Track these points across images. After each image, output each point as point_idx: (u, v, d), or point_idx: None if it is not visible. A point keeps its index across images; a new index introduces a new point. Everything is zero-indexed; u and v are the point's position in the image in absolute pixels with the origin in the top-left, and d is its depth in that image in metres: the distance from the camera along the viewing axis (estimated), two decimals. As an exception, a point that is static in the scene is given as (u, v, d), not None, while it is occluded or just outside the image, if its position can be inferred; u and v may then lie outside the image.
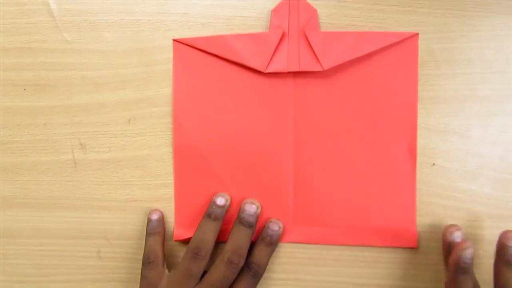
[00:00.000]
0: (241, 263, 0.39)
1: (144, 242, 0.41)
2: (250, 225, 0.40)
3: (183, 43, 0.40)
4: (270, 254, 0.40)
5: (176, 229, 0.42)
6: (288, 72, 0.40)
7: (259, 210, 0.40)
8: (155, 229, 0.41)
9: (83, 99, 0.42)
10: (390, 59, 0.40)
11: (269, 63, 0.39)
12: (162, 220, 0.41)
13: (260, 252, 0.40)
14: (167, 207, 0.42)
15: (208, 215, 0.40)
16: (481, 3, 0.40)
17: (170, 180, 0.42)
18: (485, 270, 0.41)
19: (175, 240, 0.42)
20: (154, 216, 0.41)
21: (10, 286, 0.43)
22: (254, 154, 0.41)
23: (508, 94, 0.40)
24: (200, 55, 0.41)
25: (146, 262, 0.40)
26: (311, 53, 0.39)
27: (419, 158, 0.41)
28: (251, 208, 0.40)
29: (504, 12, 0.40)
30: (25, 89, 0.42)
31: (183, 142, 0.41)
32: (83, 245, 0.42)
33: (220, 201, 0.40)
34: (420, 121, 0.40)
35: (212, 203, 0.40)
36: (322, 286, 0.42)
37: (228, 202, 0.41)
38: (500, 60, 0.40)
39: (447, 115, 0.41)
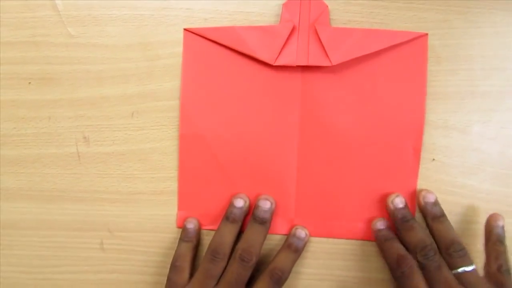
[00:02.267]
0: (253, 261, 0.39)
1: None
2: (263, 222, 0.40)
3: (194, 33, 0.41)
4: (294, 261, 0.40)
5: (179, 215, 0.42)
6: (297, 66, 0.40)
7: (273, 206, 0.40)
8: (190, 237, 0.41)
9: (87, 93, 0.42)
10: (399, 58, 0.40)
11: (278, 56, 0.40)
12: (198, 230, 0.42)
13: (284, 257, 0.40)
14: (170, 200, 0.42)
15: (227, 217, 0.40)
16: (482, 0, 0.40)
17: (172, 173, 0.42)
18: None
19: (178, 227, 0.42)
20: (190, 225, 0.41)
21: (14, 277, 0.44)
22: (258, 145, 0.41)
23: (508, 90, 0.40)
24: (209, 45, 0.41)
25: (173, 265, 0.40)
26: (320, 48, 0.39)
27: (419, 154, 0.41)
28: (265, 204, 0.40)
29: (505, 9, 0.40)
30: (29, 83, 0.42)
31: (189, 131, 0.41)
32: (86, 237, 0.43)
33: (238, 203, 0.40)
34: (421, 116, 0.41)
35: (230, 205, 0.41)
36: (322, 279, 0.42)
37: (247, 204, 0.41)
38: (500, 57, 0.40)
39: (447, 110, 0.41)
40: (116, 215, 0.43)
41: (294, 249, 0.40)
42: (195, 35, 0.41)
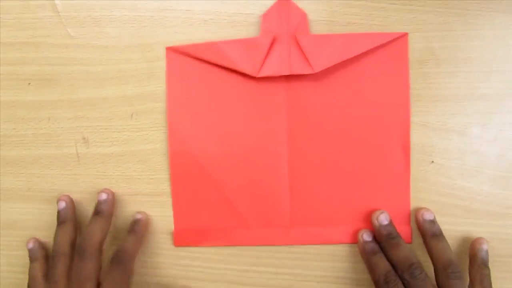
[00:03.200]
0: (89, 252, 0.39)
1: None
2: (98, 212, 0.41)
3: (176, 51, 0.41)
4: (135, 242, 0.41)
5: (176, 235, 0.42)
6: (280, 76, 0.40)
7: (110, 197, 0.41)
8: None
9: (86, 94, 0.42)
10: (380, 60, 0.40)
11: (261, 68, 0.39)
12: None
13: (125, 239, 0.41)
14: (168, 201, 0.42)
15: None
16: (482, 2, 0.40)
17: (171, 174, 0.42)
18: (482, 267, 0.41)
19: (176, 246, 0.42)
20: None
21: (13, 277, 0.44)
22: (249, 158, 0.41)
23: (507, 93, 0.40)
24: (193, 62, 0.41)
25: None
26: (302, 56, 0.39)
27: (418, 156, 0.41)
28: (100, 196, 0.41)
29: (505, 11, 0.40)
30: (29, 84, 0.42)
31: (179, 149, 0.41)
32: (85, 238, 0.43)
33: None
34: (419, 119, 0.41)
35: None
36: (319, 280, 0.42)
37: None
38: (500, 59, 0.40)
39: (446, 113, 0.41)
40: (114, 216, 0.43)
41: (130, 229, 0.41)
42: (178, 53, 0.41)
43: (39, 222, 0.43)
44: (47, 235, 0.43)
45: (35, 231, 0.43)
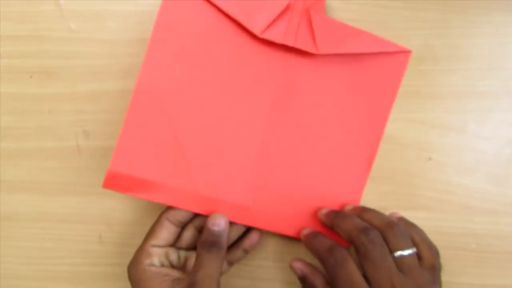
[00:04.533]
0: None
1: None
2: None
3: None
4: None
5: (108, 176, 0.38)
6: (281, 46, 0.38)
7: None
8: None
9: (87, 87, 0.42)
10: (378, 68, 0.40)
11: (266, 29, 0.38)
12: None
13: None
14: (167, 195, 0.43)
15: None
16: (480, 1, 0.40)
17: (170, 168, 0.43)
18: (478, 264, 0.41)
19: (104, 187, 0.38)
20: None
21: (14, 268, 0.44)
22: (223, 119, 0.39)
23: (505, 91, 0.41)
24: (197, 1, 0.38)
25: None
26: (310, 33, 0.38)
27: (415, 152, 0.41)
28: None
29: (504, 10, 0.40)
30: (31, 77, 0.43)
31: (149, 85, 0.38)
32: (85, 230, 0.43)
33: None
34: (417, 115, 0.41)
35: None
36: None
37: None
38: (498, 57, 0.40)
39: (444, 110, 0.41)
40: (114, 209, 0.43)
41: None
42: None
43: (40, 214, 0.44)
44: (46, 227, 0.44)
45: (35, 222, 0.44)
